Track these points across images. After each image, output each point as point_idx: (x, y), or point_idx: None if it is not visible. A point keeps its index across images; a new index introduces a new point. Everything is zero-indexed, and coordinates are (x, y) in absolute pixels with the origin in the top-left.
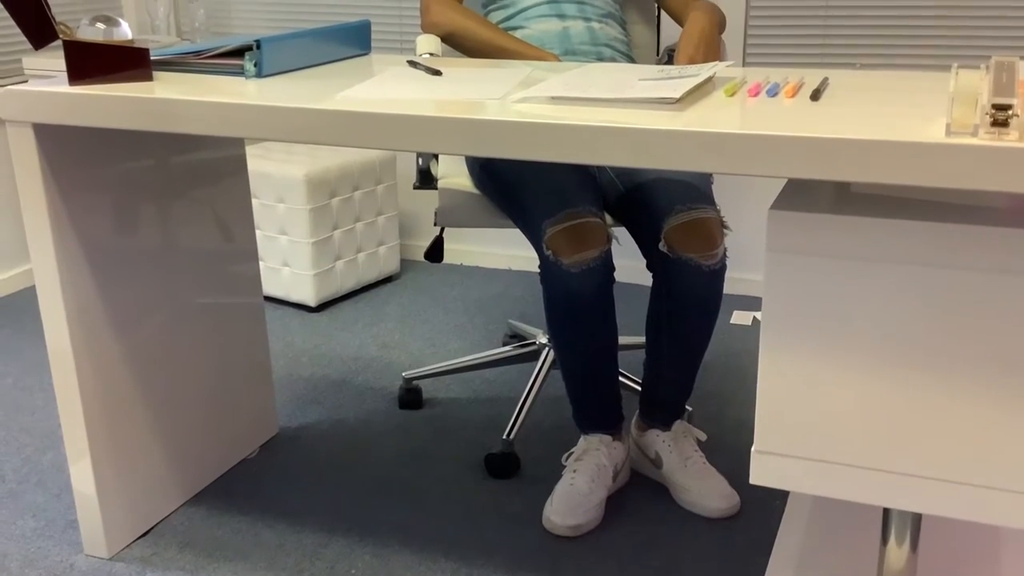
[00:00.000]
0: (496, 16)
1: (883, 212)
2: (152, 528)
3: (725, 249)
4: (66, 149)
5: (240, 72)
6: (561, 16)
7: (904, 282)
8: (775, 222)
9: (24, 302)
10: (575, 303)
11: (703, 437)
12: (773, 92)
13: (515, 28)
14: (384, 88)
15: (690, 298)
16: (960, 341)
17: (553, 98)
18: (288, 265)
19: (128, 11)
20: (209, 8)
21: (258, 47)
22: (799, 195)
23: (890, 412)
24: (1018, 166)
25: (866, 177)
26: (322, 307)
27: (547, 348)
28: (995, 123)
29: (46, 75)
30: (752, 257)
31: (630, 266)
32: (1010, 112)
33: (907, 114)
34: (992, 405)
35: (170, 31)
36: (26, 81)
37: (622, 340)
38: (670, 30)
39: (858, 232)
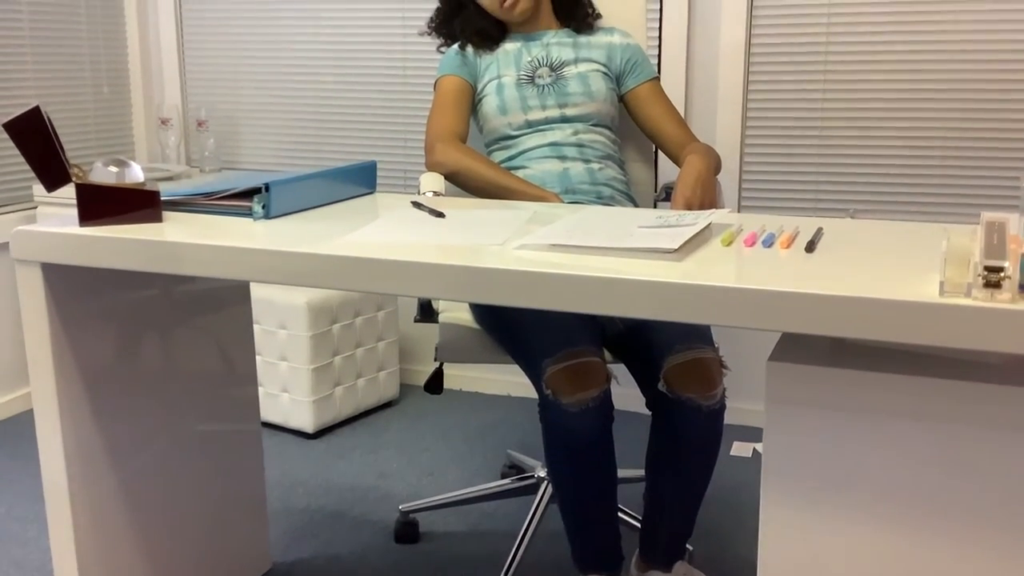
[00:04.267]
0: (499, 156)
1: (880, 365)
2: None
3: (724, 389)
4: (72, 283)
5: (248, 213)
6: (562, 158)
7: (904, 435)
8: (773, 374)
9: (21, 427)
10: (574, 443)
11: None
12: (768, 242)
13: (517, 168)
14: (387, 231)
15: (689, 438)
16: (962, 495)
17: (552, 245)
18: (287, 391)
19: (140, 140)
20: (218, 138)
21: (266, 189)
22: (796, 345)
23: (894, 565)
24: (1011, 327)
25: (861, 334)
26: (320, 433)
27: (546, 482)
28: (988, 284)
29: (56, 203)
30: (751, 387)
31: (630, 395)
32: (1002, 274)
33: (900, 269)
34: (996, 560)
35: (180, 160)
36: (36, 207)
37: (621, 473)
38: (667, 167)
39: (855, 385)
